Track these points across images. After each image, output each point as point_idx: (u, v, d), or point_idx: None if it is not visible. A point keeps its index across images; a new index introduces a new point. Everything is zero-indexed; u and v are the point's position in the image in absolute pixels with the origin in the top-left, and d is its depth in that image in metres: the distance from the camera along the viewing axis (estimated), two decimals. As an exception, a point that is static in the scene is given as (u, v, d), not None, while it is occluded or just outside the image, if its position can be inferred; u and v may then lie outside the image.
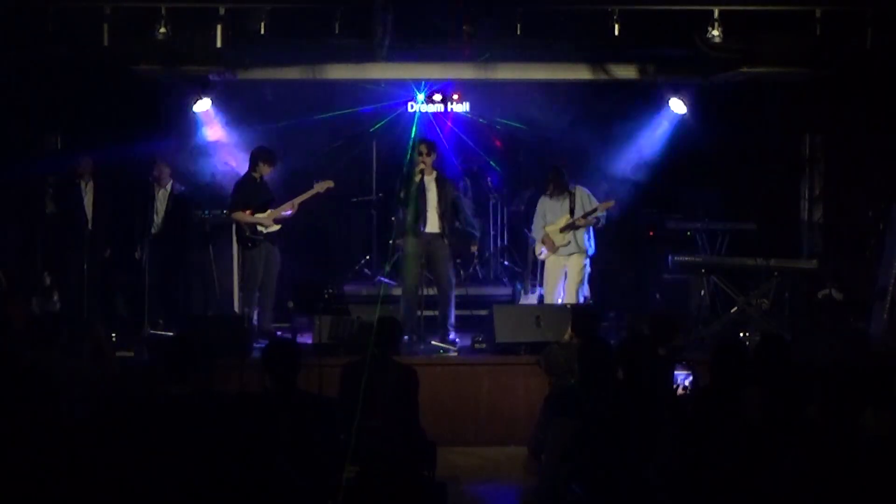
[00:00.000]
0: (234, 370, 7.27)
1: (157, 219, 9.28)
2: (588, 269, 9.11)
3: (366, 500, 4.31)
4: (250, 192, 8.99)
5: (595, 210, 8.99)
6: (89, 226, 9.09)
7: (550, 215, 9.14)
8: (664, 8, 8.19)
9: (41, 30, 7.84)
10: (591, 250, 9.13)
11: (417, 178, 8.75)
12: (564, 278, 9.12)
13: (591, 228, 9.14)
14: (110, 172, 9.32)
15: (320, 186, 9.04)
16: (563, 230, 9.00)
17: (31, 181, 9.64)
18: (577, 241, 9.02)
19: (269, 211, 8.92)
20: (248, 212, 8.91)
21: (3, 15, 7.88)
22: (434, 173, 8.89)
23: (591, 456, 4.86)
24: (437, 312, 8.96)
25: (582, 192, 9.12)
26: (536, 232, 9.25)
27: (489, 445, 7.77)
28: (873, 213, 9.36)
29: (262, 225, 8.87)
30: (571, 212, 9.02)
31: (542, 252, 9.19)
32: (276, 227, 8.94)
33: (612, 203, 9.11)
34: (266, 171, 9.03)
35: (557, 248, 9.04)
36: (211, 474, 4.26)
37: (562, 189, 9.11)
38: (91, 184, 9.13)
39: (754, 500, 3.93)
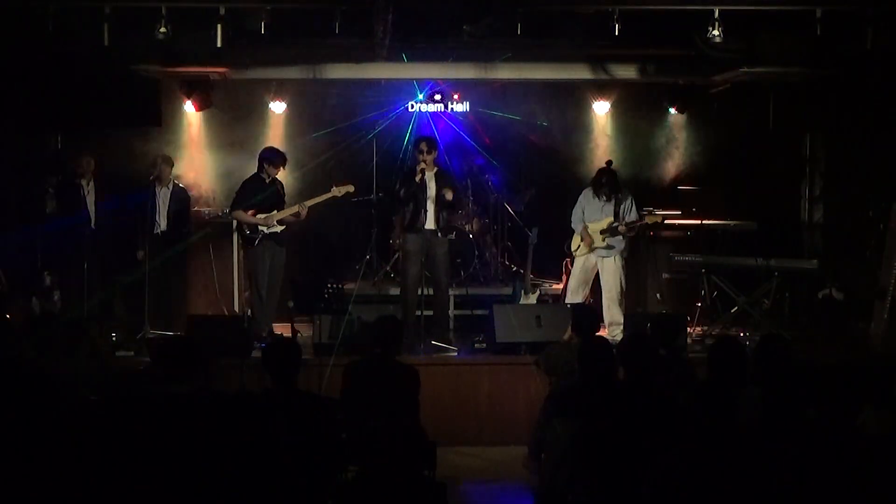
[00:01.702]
0: (234, 370, 7.27)
1: (160, 218, 9.26)
2: (623, 263, 9.03)
3: (366, 500, 4.31)
4: (255, 192, 8.91)
5: (641, 222, 8.90)
6: (91, 225, 9.10)
7: (590, 212, 9.00)
8: (664, 8, 8.19)
9: (41, 30, 7.84)
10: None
11: (419, 177, 8.74)
12: (590, 278, 9.09)
13: None
14: (111, 172, 9.31)
15: (338, 190, 8.99)
16: (603, 232, 8.90)
17: (31, 181, 9.64)
18: (617, 244, 8.92)
19: (274, 211, 8.88)
20: (250, 212, 8.87)
21: (3, 15, 7.88)
22: (435, 169, 8.89)
23: (592, 456, 4.85)
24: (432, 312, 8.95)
25: (627, 198, 8.98)
26: (576, 224, 9.09)
27: (489, 445, 7.77)
28: (873, 213, 9.36)
29: (262, 225, 8.84)
30: (616, 215, 8.88)
31: (578, 247, 9.05)
32: (279, 228, 8.87)
33: (659, 218, 8.96)
34: (273, 172, 8.94)
35: (595, 248, 8.96)
36: (211, 474, 4.26)
37: (613, 191, 8.95)
38: (92, 183, 9.13)
39: (754, 500, 3.93)
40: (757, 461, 4.01)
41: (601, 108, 10.80)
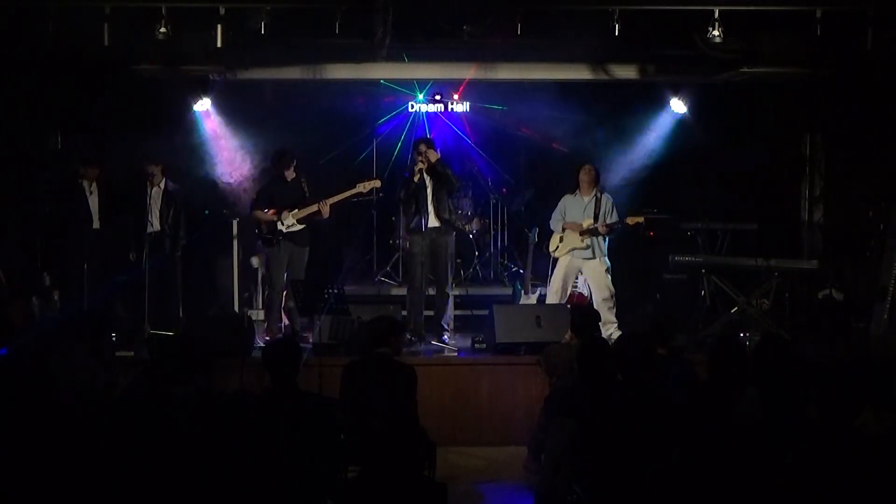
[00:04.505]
0: (234, 370, 7.27)
1: (153, 218, 9.25)
2: (609, 265, 9.00)
3: (366, 500, 4.31)
4: (273, 191, 8.89)
5: (620, 223, 8.85)
6: (94, 224, 9.10)
7: (571, 215, 8.99)
8: (664, 8, 8.20)
9: (41, 30, 7.83)
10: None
11: (416, 178, 8.74)
12: (575, 280, 9.09)
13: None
14: (111, 172, 9.31)
15: (363, 186, 8.96)
16: (582, 233, 8.88)
17: (31, 181, 9.64)
18: (599, 246, 8.88)
19: (295, 210, 8.82)
20: (270, 211, 8.82)
21: (4, 15, 7.88)
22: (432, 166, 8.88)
23: (591, 456, 4.86)
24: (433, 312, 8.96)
25: (607, 200, 8.95)
26: (555, 224, 9.09)
27: (489, 445, 7.76)
28: (873, 213, 9.36)
29: (281, 223, 8.78)
30: (595, 217, 8.86)
31: (556, 248, 9.04)
32: (298, 227, 8.81)
33: (641, 219, 8.87)
34: (286, 172, 8.87)
35: (574, 248, 8.96)
36: (211, 474, 4.26)
37: (593, 187, 8.95)
38: (95, 182, 9.13)
39: (754, 500, 3.93)
40: (757, 461, 4.01)
41: (604, 108, 10.80)
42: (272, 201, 8.87)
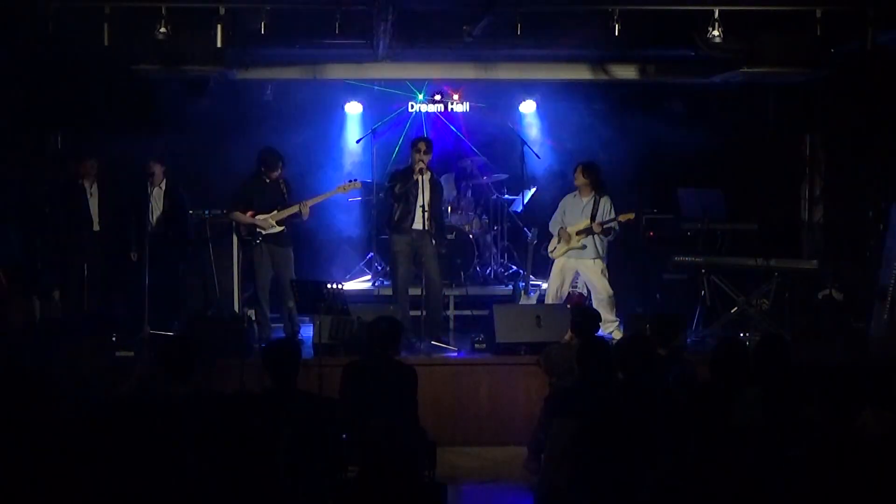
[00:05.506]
0: (234, 370, 7.27)
1: (153, 218, 9.24)
2: (605, 266, 8.99)
3: (366, 500, 4.30)
4: (253, 192, 8.79)
5: (614, 220, 8.83)
6: (94, 226, 9.09)
7: (569, 216, 8.99)
8: (664, 8, 8.20)
9: (41, 30, 7.84)
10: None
11: (416, 176, 8.71)
12: (574, 280, 9.10)
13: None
14: (111, 172, 9.31)
15: (343, 188, 8.88)
16: (579, 233, 8.87)
17: (31, 181, 9.64)
18: (596, 246, 8.87)
19: (274, 212, 8.77)
20: (249, 213, 8.75)
21: (3, 15, 7.88)
22: (429, 173, 8.86)
23: (591, 456, 4.86)
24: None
25: (606, 201, 8.93)
26: (553, 227, 9.11)
27: (489, 445, 7.76)
28: (873, 213, 9.36)
29: (259, 227, 8.72)
30: (592, 217, 8.84)
31: (554, 249, 9.04)
32: (278, 229, 8.72)
33: (631, 215, 8.87)
34: (271, 174, 8.77)
35: (569, 249, 8.92)
36: (211, 474, 4.27)
37: (594, 187, 8.95)
38: (95, 184, 9.12)
39: (754, 500, 3.93)
40: (757, 461, 4.02)
41: (604, 108, 10.80)
42: (251, 202, 8.77)
